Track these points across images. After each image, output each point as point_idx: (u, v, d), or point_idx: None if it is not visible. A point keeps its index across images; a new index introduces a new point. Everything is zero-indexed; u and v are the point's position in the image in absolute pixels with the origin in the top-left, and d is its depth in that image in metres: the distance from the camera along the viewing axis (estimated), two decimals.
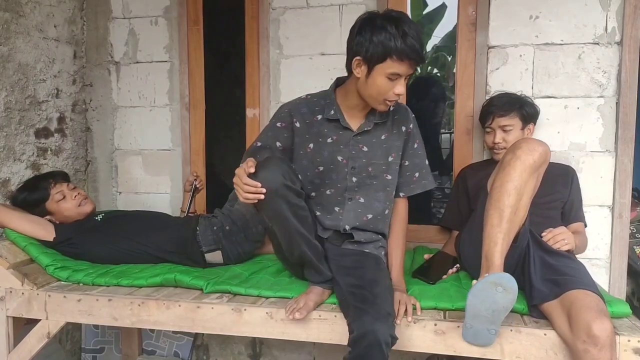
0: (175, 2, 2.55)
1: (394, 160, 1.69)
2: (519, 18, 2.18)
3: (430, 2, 7.61)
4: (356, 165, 1.67)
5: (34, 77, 2.34)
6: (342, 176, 1.67)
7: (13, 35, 2.21)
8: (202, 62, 2.57)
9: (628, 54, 2.08)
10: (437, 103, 4.43)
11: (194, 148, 2.61)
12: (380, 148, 1.67)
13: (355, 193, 1.69)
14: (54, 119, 2.48)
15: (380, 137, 1.67)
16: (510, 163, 1.50)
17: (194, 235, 2.02)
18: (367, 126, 1.65)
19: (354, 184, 1.68)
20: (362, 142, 1.66)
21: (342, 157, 1.66)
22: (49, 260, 1.92)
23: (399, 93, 1.52)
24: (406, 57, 1.44)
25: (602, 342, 1.30)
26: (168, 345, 2.66)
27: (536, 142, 1.52)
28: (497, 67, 2.22)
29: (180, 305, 1.70)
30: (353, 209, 1.69)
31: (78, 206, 2.09)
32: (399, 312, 1.52)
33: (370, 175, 1.67)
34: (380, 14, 1.50)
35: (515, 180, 1.47)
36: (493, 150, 2.02)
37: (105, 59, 2.66)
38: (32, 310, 1.82)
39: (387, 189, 1.70)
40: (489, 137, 2.03)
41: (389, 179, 1.69)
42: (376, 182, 1.68)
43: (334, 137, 1.66)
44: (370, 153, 1.66)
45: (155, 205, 2.62)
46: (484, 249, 1.48)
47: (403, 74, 1.49)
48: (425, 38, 8.10)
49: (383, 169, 1.68)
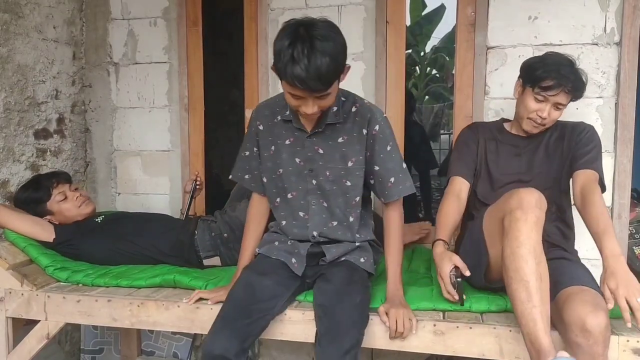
0: (175, 3, 2.55)
1: (355, 165, 1.59)
2: (518, 19, 2.18)
3: (429, 3, 7.63)
4: (314, 168, 1.59)
5: (33, 78, 2.34)
6: (302, 179, 1.61)
7: (12, 36, 2.21)
8: (201, 63, 2.57)
9: (627, 55, 2.08)
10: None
11: (193, 149, 2.61)
12: (337, 151, 1.58)
13: (319, 197, 1.62)
14: (53, 120, 2.48)
15: (337, 140, 1.57)
16: (513, 226, 1.40)
17: (192, 240, 2.02)
18: (319, 127, 1.55)
19: (314, 186, 1.61)
20: (317, 144, 1.58)
21: (300, 159, 1.60)
22: (48, 261, 1.93)
23: (305, 112, 1.40)
24: (296, 84, 1.31)
25: (595, 336, 1.28)
26: (167, 346, 2.66)
27: (529, 194, 1.42)
28: (496, 67, 2.22)
29: (179, 306, 1.70)
30: (318, 213, 1.63)
31: (78, 207, 2.10)
32: (391, 329, 1.50)
33: (328, 179, 1.59)
34: (290, 25, 1.34)
35: (526, 244, 1.37)
36: (529, 120, 1.71)
37: (105, 60, 2.66)
38: (32, 311, 1.82)
39: (347, 195, 1.61)
40: (532, 104, 1.68)
41: (348, 185, 1.60)
42: (335, 187, 1.60)
43: (291, 139, 1.60)
44: (326, 156, 1.58)
45: (154, 206, 2.62)
46: (523, 332, 1.34)
47: (301, 95, 1.36)
48: (424, 39, 8.12)
49: (342, 174, 1.59)
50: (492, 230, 1.56)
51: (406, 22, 2.52)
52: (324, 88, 1.33)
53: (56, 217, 2.08)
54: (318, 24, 1.32)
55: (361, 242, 1.67)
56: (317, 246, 1.65)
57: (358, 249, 1.65)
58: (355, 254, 1.64)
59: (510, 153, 1.82)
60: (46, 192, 2.07)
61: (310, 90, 1.33)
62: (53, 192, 2.08)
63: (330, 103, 1.44)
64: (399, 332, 1.50)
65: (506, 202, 1.47)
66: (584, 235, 2.13)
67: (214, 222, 2.08)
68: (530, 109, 1.69)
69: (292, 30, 1.31)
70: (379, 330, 1.55)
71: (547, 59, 1.68)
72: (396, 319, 1.50)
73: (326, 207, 1.63)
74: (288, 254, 1.64)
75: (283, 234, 1.69)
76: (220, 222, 2.07)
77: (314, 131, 1.56)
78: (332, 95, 1.40)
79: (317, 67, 1.27)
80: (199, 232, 2.04)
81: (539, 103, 1.67)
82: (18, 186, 2.22)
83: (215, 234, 2.03)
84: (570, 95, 1.65)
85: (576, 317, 1.31)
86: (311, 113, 1.40)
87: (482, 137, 1.85)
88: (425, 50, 8.45)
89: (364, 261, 1.64)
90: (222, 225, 2.06)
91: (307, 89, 1.32)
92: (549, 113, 1.67)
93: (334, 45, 1.30)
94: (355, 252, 1.65)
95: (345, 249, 1.64)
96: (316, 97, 1.36)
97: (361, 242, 1.67)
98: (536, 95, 1.66)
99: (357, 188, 1.61)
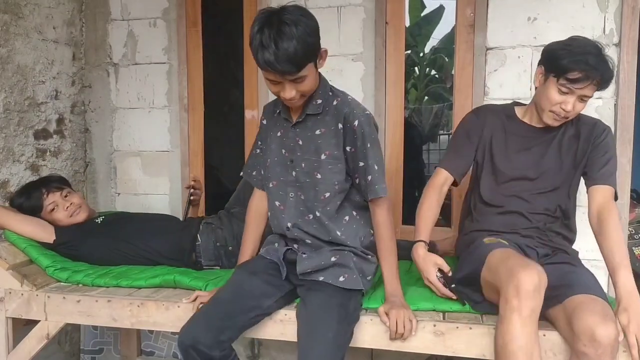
0: (174, 4, 2.55)
1: (328, 159, 1.55)
2: (517, 20, 2.19)
3: (428, 4, 7.63)
4: (293, 159, 1.60)
5: (33, 79, 2.34)
6: (285, 169, 1.62)
7: (12, 36, 2.21)
8: (200, 64, 2.58)
9: (626, 56, 2.09)
10: None
11: (192, 149, 2.61)
12: (313, 143, 1.56)
13: (297, 189, 1.61)
14: (52, 120, 2.48)
15: (315, 132, 1.56)
16: (507, 316, 1.32)
17: (193, 245, 2.00)
18: (300, 117, 1.57)
19: (293, 178, 1.61)
20: (299, 134, 1.59)
21: (285, 150, 1.62)
22: (48, 262, 1.93)
23: (284, 97, 1.44)
24: (267, 69, 1.36)
25: (604, 347, 1.27)
26: (167, 346, 2.66)
27: (528, 279, 1.31)
28: (495, 68, 2.22)
29: (180, 306, 1.70)
30: (294, 205, 1.62)
31: (70, 217, 2.08)
32: (391, 330, 1.50)
33: (304, 170, 1.58)
34: (261, 12, 1.39)
35: (518, 339, 1.30)
36: (552, 112, 1.58)
37: (104, 61, 2.66)
38: (32, 311, 1.82)
39: (316, 189, 1.57)
40: (556, 96, 1.53)
41: (318, 178, 1.56)
42: (308, 180, 1.58)
43: (281, 130, 1.63)
44: (304, 147, 1.58)
45: (154, 206, 2.62)
46: None
47: (277, 80, 1.40)
48: (423, 40, 8.13)
49: (314, 166, 1.56)
50: (489, 287, 1.49)
51: (405, 23, 2.53)
52: (295, 70, 1.36)
53: (52, 224, 2.07)
54: (287, 9, 1.37)
55: (339, 247, 1.59)
56: (293, 252, 1.63)
57: (336, 266, 1.56)
58: (333, 272, 1.55)
59: (519, 145, 1.70)
60: (37, 203, 2.06)
61: (282, 73, 1.36)
62: (44, 203, 2.06)
63: (309, 87, 1.45)
64: (399, 333, 1.50)
65: (504, 280, 1.36)
66: (586, 236, 2.15)
67: (220, 229, 2.03)
68: (554, 101, 1.55)
69: (262, 17, 1.36)
70: (379, 331, 1.55)
71: (573, 47, 1.52)
72: (396, 320, 1.49)
73: (303, 200, 1.61)
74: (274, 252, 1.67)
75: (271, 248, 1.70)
76: (227, 231, 2.02)
77: (296, 121, 1.57)
78: (309, 78, 1.42)
79: (285, 49, 1.31)
80: (202, 238, 2.01)
81: (563, 95, 1.53)
82: (18, 186, 2.23)
83: (220, 244, 2.00)
84: (597, 87, 1.52)
85: (586, 327, 1.29)
86: (290, 98, 1.43)
87: (489, 126, 1.73)
88: (425, 51, 8.46)
89: (343, 280, 1.54)
90: (229, 235, 2.01)
91: (278, 72, 1.35)
92: (574, 106, 1.53)
93: (303, 29, 1.33)
94: (333, 269, 1.56)
95: (320, 261, 1.56)
96: (291, 80, 1.39)
97: (339, 247, 1.59)
98: (560, 86, 1.52)
99: (327, 182, 1.56)
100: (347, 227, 1.61)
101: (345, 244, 1.60)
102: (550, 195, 1.61)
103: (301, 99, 1.49)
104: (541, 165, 1.68)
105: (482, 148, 1.74)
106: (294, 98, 1.44)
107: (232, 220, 2.07)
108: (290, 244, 1.66)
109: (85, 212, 2.14)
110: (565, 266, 1.56)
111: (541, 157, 1.68)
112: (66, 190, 2.15)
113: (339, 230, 1.60)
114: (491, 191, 1.73)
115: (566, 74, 1.50)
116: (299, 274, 1.58)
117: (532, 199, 1.69)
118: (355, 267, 1.57)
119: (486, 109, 1.82)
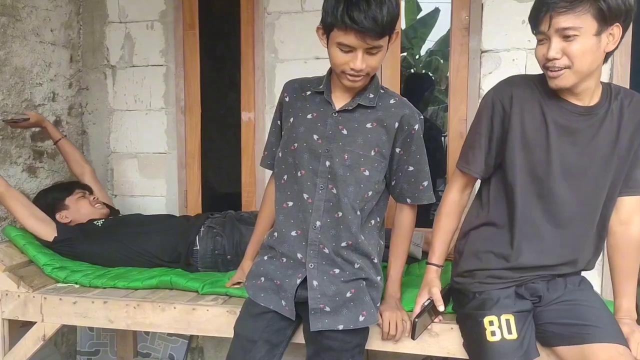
0: (171, 7, 2.56)
1: (376, 156, 1.45)
2: (512, 23, 2.20)
3: (424, 6, 7.66)
4: (330, 148, 1.43)
5: (30, 81, 2.35)
6: (315, 157, 1.44)
7: (9, 39, 2.22)
8: (197, 66, 2.58)
9: (620, 59, 2.11)
10: None
11: (189, 151, 2.62)
12: (362, 136, 1.44)
13: (328, 181, 1.43)
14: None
15: (365, 125, 1.44)
16: None
17: (190, 251, 1.99)
18: (349, 105, 1.45)
19: (327, 168, 1.43)
20: (342, 123, 1.45)
21: (318, 136, 1.45)
22: (46, 260, 1.94)
23: (353, 67, 1.34)
24: (349, 28, 1.28)
25: None
26: (163, 347, 2.66)
27: None
28: (490, 71, 2.24)
29: (176, 307, 1.71)
30: (324, 199, 1.44)
31: (94, 206, 2.24)
32: (383, 331, 1.51)
33: (344, 163, 1.43)
34: None
35: None
36: (547, 69, 1.30)
37: (102, 63, 2.67)
38: (28, 312, 1.82)
39: (361, 186, 1.44)
40: (540, 49, 1.30)
41: (366, 174, 1.44)
42: (349, 174, 1.43)
43: (315, 114, 1.48)
44: (349, 138, 1.44)
45: (150, 208, 2.63)
46: None
47: (352, 45, 1.31)
48: (419, 42, 8.15)
49: (361, 161, 1.43)
50: None
51: (401, 25, 2.54)
52: (378, 34, 1.30)
53: (70, 212, 2.17)
54: None
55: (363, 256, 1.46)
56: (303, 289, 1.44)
57: (352, 303, 1.43)
58: (350, 314, 1.42)
59: (562, 136, 1.35)
60: (69, 189, 2.24)
61: (364, 34, 1.28)
62: (75, 191, 2.23)
63: (377, 63, 1.37)
64: (391, 334, 1.51)
65: None
66: None
67: (220, 237, 1.99)
68: (540, 57, 1.30)
69: None
70: (374, 332, 1.55)
71: None
72: (389, 321, 1.50)
73: (334, 194, 1.43)
74: (276, 296, 1.47)
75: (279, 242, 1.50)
76: (227, 240, 1.98)
77: (343, 109, 1.45)
78: (381, 53, 1.36)
79: (375, 10, 1.27)
80: (200, 245, 1.99)
81: (544, 44, 1.28)
82: (15, 188, 2.22)
83: (219, 253, 1.98)
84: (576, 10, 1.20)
85: None
86: (359, 69, 1.34)
87: (518, 107, 1.36)
88: (421, 54, 8.48)
89: (363, 319, 1.44)
90: (229, 244, 1.97)
91: (361, 32, 1.28)
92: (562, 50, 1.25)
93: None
94: (349, 309, 1.43)
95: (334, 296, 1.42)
96: (367, 48, 1.32)
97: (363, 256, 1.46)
98: (538, 38, 1.31)
99: (372, 182, 1.45)
100: (370, 233, 1.50)
101: (365, 250, 1.46)
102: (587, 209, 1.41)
103: (365, 78, 1.40)
104: (590, 165, 1.38)
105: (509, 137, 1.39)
106: (363, 71, 1.36)
107: (234, 229, 2.02)
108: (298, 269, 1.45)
109: (106, 210, 2.27)
110: (578, 293, 1.41)
111: (589, 152, 1.37)
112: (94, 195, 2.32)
113: (362, 235, 1.46)
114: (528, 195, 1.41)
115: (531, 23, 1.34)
116: (312, 330, 1.43)
117: None
118: (371, 297, 1.48)
119: (515, 83, 1.42)
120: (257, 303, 1.48)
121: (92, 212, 2.21)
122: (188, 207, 2.61)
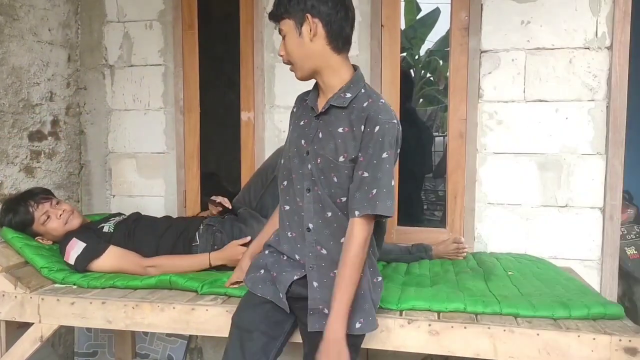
0: (170, 6, 2.55)
1: (345, 162, 1.39)
2: (511, 23, 2.21)
3: (423, 7, 7.66)
4: (309, 150, 1.43)
5: (27, 81, 2.34)
6: (302, 161, 1.45)
7: (7, 38, 2.21)
8: (196, 66, 2.58)
9: (618, 59, 2.11)
10: None
11: (188, 151, 2.61)
12: (333, 140, 1.40)
13: (314, 184, 1.43)
14: (47, 122, 2.47)
15: (337, 129, 1.40)
16: None
17: (190, 247, 1.98)
18: (324, 107, 1.43)
19: (309, 171, 1.43)
20: (321, 127, 1.44)
21: (304, 141, 1.46)
22: (44, 262, 1.92)
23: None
24: None
25: None
26: (162, 348, 2.65)
27: None
28: (489, 71, 2.24)
29: (175, 307, 1.70)
30: (312, 201, 1.43)
31: (65, 224, 2.01)
32: None
33: (318, 167, 1.42)
34: None
35: None
36: None
37: (100, 63, 2.66)
38: (25, 313, 1.81)
39: (332, 191, 1.41)
40: None
41: (335, 181, 1.40)
42: (323, 177, 1.42)
43: (305, 120, 1.49)
44: (322, 142, 1.42)
45: (149, 208, 2.61)
46: None
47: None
48: (418, 42, 8.15)
49: (331, 167, 1.40)
50: None
51: (401, 26, 2.54)
52: (275, 15, 1.41)
53: (45, 237, 2.02)
54: None
55: None
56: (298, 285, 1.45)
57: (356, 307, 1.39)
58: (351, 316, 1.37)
59: None
60: (26, 216, 1.98)
61: (270, 17, 1.43)
62: (35, 215, 1.98)
63: (288, 50, 1.42)
64: None
65: None
66: (585, 236, 2.17)
67: (220, 233, 1.99)
68: None
69: None
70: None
71: None
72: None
73: (320, 195, 1.42)
74: (273, 287, 1.48)
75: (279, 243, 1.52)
76: (226, 236, 1.97)
77: (320, 112, 1.44)
78: (289, 40, 1.41)
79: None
80: (200, 240, 1.98)
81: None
82: (12, 188, 2.22)
83: (218, 248, 1.96)
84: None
85: None
86: (280, 55, 1.46)
87: None
88: (420, 54, 8.48)
89: (360, 326, 1.40)
90: (229, 239, 1.95)
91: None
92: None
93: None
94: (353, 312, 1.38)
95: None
96: (282, 35, 1.42)
97: None
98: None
99: (343, 188, 1.40)
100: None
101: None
102: None
103: (296, 68, 1.46)
104: None
105: None
106: (284, 58, 1.46)
107: (234, 225, 2.02)
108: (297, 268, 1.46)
109: (78, 218, 2.07)
110: None
111: None
112: (54, 199, 2.07)
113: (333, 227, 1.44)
114: None
115: None
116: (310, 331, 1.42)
117: None
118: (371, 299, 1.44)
119: None
120: (256, 294, 1.50)
121: (65, 230, 2.01)
122: (187, 207, 2.61)
